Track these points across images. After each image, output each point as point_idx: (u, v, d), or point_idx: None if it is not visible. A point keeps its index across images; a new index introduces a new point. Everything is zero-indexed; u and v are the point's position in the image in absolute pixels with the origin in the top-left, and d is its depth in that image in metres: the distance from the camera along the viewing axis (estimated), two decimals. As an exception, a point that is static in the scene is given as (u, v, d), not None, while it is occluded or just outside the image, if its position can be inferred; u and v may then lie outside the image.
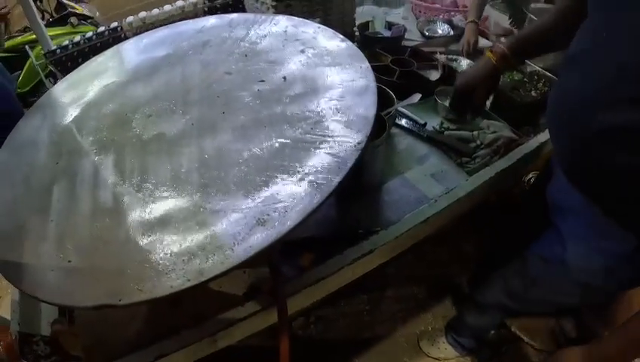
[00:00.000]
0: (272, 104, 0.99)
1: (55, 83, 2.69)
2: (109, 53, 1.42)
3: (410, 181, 1.36)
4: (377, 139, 1.18)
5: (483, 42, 2.26)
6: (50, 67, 2.02)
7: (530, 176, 1.83)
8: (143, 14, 2.04)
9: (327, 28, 1.23)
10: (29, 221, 0.92)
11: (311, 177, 0.79)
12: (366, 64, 1.04)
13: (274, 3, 1.79)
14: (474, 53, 2.10)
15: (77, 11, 3.72)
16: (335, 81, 1.01)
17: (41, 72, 2.19)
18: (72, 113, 1.18)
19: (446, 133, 1.54)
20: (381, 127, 1.24)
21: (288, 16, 1.32)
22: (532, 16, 2.08)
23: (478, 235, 1.99)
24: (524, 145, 1.47)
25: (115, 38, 1.98)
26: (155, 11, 2.06)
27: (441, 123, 1.61)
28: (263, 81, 1.07)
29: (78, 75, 1.36)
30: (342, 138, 0.85)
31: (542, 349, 1.66)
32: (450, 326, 2.09)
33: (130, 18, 2.03)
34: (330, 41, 1.16)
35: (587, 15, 1.01)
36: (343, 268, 1.04)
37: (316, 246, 0.74)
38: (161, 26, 1.95)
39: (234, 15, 1.39)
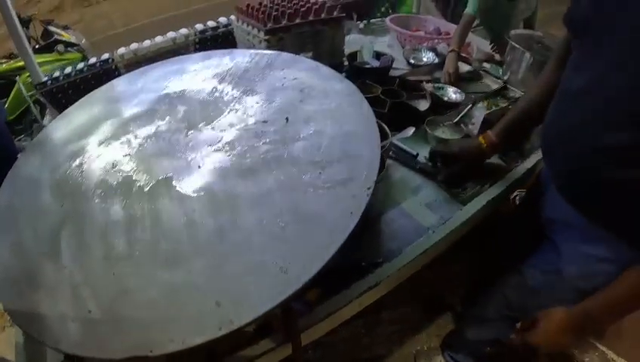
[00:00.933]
0: (278, 146, 1.01)
1: (42, 112, 2.69)
2: (105, 88, 1.42)
3: (407, 211, 1.41)
4: (379, 174, 1.21)
5: (465, 68, 2.33)
6: (41, 98, 2.03)
7: (516, 194, 1.88)
8: (134, 46, 2.06)
9: (323, 65, 1.27)
10: (40, 267, 0.91)
11: (326, 225, 0.82)
12: (366, 104, 1.08)
13: (266, 37, 1.82)
14: (455, 81, 2.16)
15: (63, 38, 3.73)
16: (337, 122, 1.04)
17: (30, 101, 2.19)
18: (72, 152, 1.17)
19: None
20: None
21: (285, 53, 1.35)
22: (513, 42, 2.14)
23: (467, 254, 2.04)
24: (512, 172, 1.53)
25: (107, 69, 1.99)
26: (147, 43, 2.08)
27: (430, 152, 1.63)
28: (265, 121, 1.10)
29: (75, 110, 1.36)
30: (351, 183, 0.88)
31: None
32: (446, 344, 2.12)
33: (122, 50, 2.05)
34: (328, 81, 1.19)
35: None
36: (351, 301, 1.07)
37: (322, 280, 0.76)
38: (152, 58, 1.99)
39: (231, 50, 1.42)
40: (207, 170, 1.00)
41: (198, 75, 1.34)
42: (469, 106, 1.94)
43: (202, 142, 1.08)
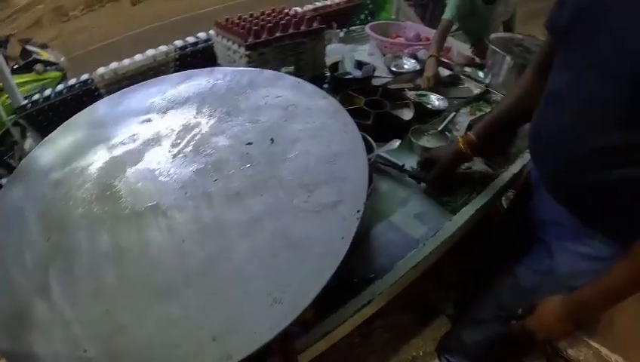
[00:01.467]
0: (265, 169, 1.00)
1: (23, 132, 2.66)
2: (86, 112, 1.39)
3: (396, 224, 1.40)
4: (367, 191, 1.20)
5: (446, 72, 2.35)
6: (21, 122, 2.00)
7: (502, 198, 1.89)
8: (114, 65, 2.04)
9: (306, 82, 1.25)
10: (31, 305, 0.87)
11: (318, 250, 0.81)
12: (351, 122, 1.07)
13: (247, 52, 1.82)
14: (435, 86, 2.16)
15: (42, 58, 3.68)
16: (323, 142, 1.03)
17: (9, 124, 2.16)
18: (55, 182, 1.14)
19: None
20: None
21: (267, 70, 1.34)
22: (492, 45, 2.16)
23: (458, 258, 2.05)
24: (499, 178, 1.54)
25: (87, 90, 1.97)
26: (126, 62, 2.06)
27: (418, 162, 1.64)
28: (250, 143, 1.09)
29: (58, 136, 1.32)
30: (340, 205, 0.87)
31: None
32: (443, 347, 2.14)
33: (102, 70, 2.02)
34: (312, 98, 1.18)
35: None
36: (346, 320, 1.07)
37: (316, 299, 0.76)
38: (133, 77, 1.98)
39: (212, 69, 1.40)
40: (195, 196, 0.98)
41: (180, 95, 1.32)
42: (453, 114, 1.95)
43: (188, 168, 1.06)
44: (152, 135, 1.20)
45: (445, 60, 2.44)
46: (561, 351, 1.52)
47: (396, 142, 1.55)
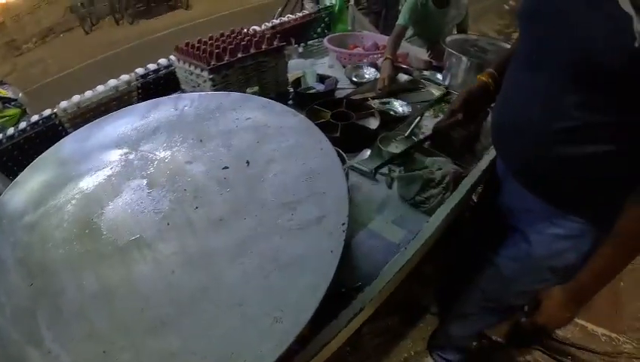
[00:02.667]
0: (244, 192, 1.02)
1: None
2: (54, 150, 1.35)
3: (375, 231, 1.43)
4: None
5: (406, 77, 2.40)
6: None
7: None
8: (76, 98, 2.00)
9: (274, 102, 1.27)
10: (23, 355, 0.84)
11: (309, 266, 0.83)
12: (323, 137, 1.09)
13: (211, 76, 1.82)
14: (389, 85, 2.22)
15: (0, 95, 3.60)
16: (298, 159, 1.05)
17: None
18: (30, 225, 1.10)
19: (395, 175, 1.62)
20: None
21: (234, 93, 1.35)
22: (448, 48, 2.22)
23: (434, 255, 2.09)
24: (469, 176, 1.58)
25: (51, 126, 1.93)
26: (89, 93, 2.03)
27: (389, 168, 1.68)
28: (226, 168, 1.10)
29: (26, 178, 1.28)
30: (325, 220, 0.89)
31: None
32: (433, 346, 2.19)
33: (64, 104, 1.98)
34: (282, 117, 1.20)
35: None
36: (340, 331, 1.09)
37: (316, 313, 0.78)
38: (96, 109, 1.95)
39: (178, 96, 1.41)
40: (177, 226, 0.99)
41: (150, 125, 1.31)
42: (418, 118, 1.99)
43: (167, 198, 1.06)
44: (126, 168, 1.19)
45: (404, 66, 2.49)
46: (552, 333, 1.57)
47: (367, 152, 1.59)
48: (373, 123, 1.89)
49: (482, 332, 1.81)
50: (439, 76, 2.44)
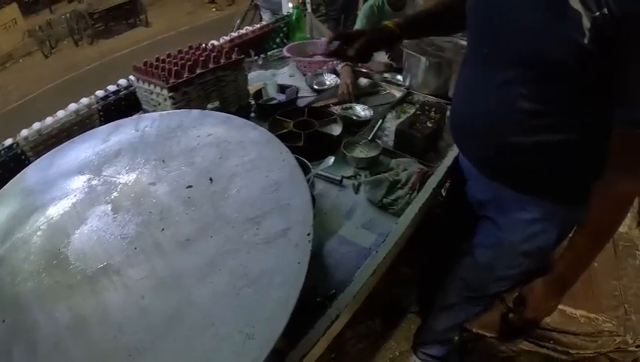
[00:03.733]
0: (209, 209, 1.01)
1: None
2: (17, 180, 1.32)
3: (346, 237, 1.43)
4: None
5: (365, 81, 2.43)
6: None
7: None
8: (37, 126, 1.96)
9: (233, 116, 1.26)
10: None
11: (278, 280, 0.83)
12: (284, 148, 1.08)
13: (170, 94, 1.81)
14: (353, 91, 2.22)
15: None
16: (261, 172, 1.04)
17: None
18: None
19: (361, 180, 1.63)
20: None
21: (194, 110, 1.34)
22: (406, 50, 2.24)
23: (411, 255, 2.11)
24: (435, 174, 1.61)
25: (13, 156, 1.88)
26: (49, 120, 1.99)
27: (355, 173, 1.71)
28: (190, 186, 1.09)
29: None
30: (290, 232, 0.89)
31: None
32: (417, 343, 2.23)
33: (25, 132, 1.93)
34: (242, 131, 1.19)
35: None
36: (319, 340, 1.09)
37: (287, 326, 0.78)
38: (58, 135, 1.92)
39: (139, 116, 1.38)
40: (145, 249, 0.98)
41: (112, 149, 1.29)
42: (380, 121, 2.01)
43: (132, 221, 1.05)
44: (89, 194, 1.17)
45: (364, 70, 2.51)
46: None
47: (331, 159, 1.59)
48: (336, 129, 1.89)
49: (463, 326, 1.83)
50: (400, 77, 2.45)
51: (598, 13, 0.90)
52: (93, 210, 1.12)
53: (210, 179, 1.09)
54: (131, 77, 2.11)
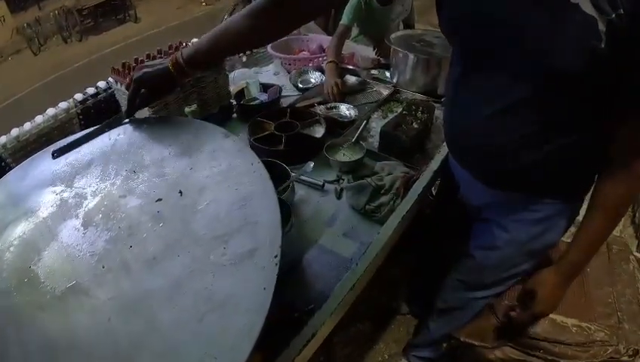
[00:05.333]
0: (178, 225, 0.97)
1: None
2: None
3: (326, 247, 1.38)
4: (286, 228, 1.18)
5: (353, 79, 2.36)
6: None
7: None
8: (15, 132, 1.90)
9: (205, 122, 1.23)
10: None
11: (243, 306, 0.79)
12: (255, 159, 1.04)
13: (148, 97, 1.75)
14: (341, 91, 2.15)
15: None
16: (231, 185, 1.00)
17: None
18: None
19: (344, 185, 1.58)
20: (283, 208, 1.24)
21: (165, 116, 1.30)
22: (393, 46, 2.19)
23: (399, 258, 2.08)
24: (420, 179, 1.55)
25: None
26: (27, 125, 1.94)
27: (338, 177, 1.66)
28: (160, 200, 1.05)
29: None
30: (257, 253, 0.85)
31: (494, 346, 1.75)
32: (409, 346, 2.22)
33: (3, 138, 1.89)
34: (214, 138, 1.15)
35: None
36: (293, 359, 1.05)
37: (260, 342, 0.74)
38: (37, 140, 1.86)
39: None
40: (112, 268, 0.94)
41: (84, 159, 1.25)
42: (365, 121, 1.96)
43: (102, 237, 1.01)
44: (61, 207, 1.13)
45: (350, 67, 2.45)
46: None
47: (310, 165, 1.53)
48: (319, 131, 1.84)
49: (450, 334, 1.80)
50: (388, 74, 2.40)
51: (613, 15, 0.86)
52: (63, 224, 1.08)
53: (180, 192, 1.04)
54: (110, 79, 2.05)
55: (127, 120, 1.32)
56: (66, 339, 0.86)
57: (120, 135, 1.29)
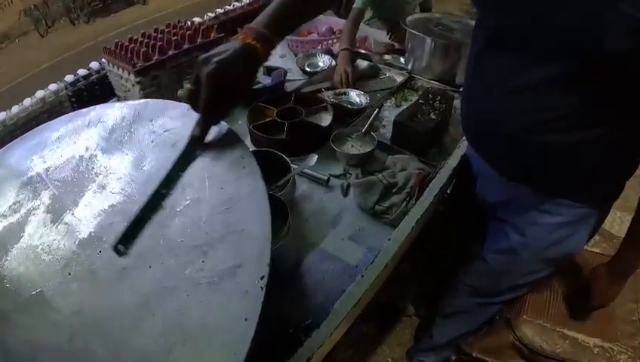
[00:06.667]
0: (154, 230, 0.83)
1: None
2: None
3: (329, 251, 1.24)
4: (282, 232, 1.04)
5: (365, 64, 2.20)
6: None
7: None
8: (1, 116, 1.79)
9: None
10: None
11: (219, 339, 0.65)
12: (248, 153, 0.89)
13: (138, 78, 1.61)
14: (352, 81, 2.00)
15: None
16: (216, 183, 0.86)
17: None
18: None
19: (351, 180, 1.44)
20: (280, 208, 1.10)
21: (153, 100, 1.16)
22: (410, 29, 2.03)
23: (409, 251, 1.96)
24: (438, 178, 1.39)
25: None
26: (15, 109, 1.82)
27: (345, 171, 1.51)
28: (135, 197, 0.89)
29: None
30: (240, 271, 0.70)
31: None
32: (415, 349, 2.15)
33: (-11, 123, 1.78)
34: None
35: None
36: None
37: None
38: (25, 124, 1.74)
39: (94, 107, 1.20)
40: (79, 276, 0.82)
41: (61, 146, 1.12)
42: (376, 110, 1.80)
43: (70, 239, 0.88)
44: (33, 202, 1.00)
45: (363, 51, 2.29)
46: (537, 348, 1.44)
47: (314, 157, 1.35)
48: (326, 119, 1.67)
49: (461, 348, 1.70)
50: (402, 60, 2.24)
51: None
52: (33, 221, 0.96)
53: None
54: (103, 60, 1.92)
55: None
56: (23, 356, 0.76)
57: (102, 120, 1.15)
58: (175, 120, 1.06)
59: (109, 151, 1.04)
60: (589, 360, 1.38)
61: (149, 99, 1.19)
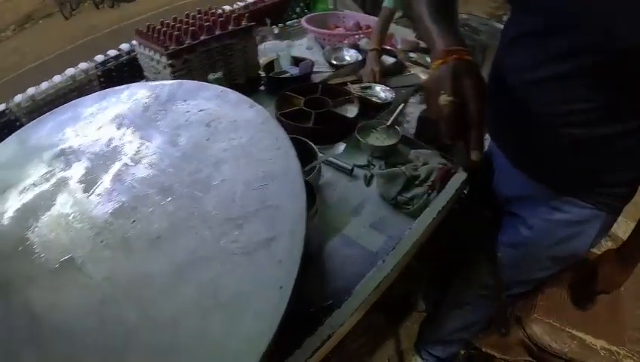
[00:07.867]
0: (187, 202, 0.86)
1: None
2: None
3: (350, 237, 1.26)
4: (309, 213, 1.06)
5: (390, 60, 2.22)
6: None
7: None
8: (31, 91, 1.83)
9: (230, 90, 1.11)
10: None
11: (253, 307, 0.67)
12: (282, 133, 0.93)
13: (169, 61, 1.64)
14: (380, 79, 2.02)
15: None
16: (251, 161, 0.89)
17: None
18: None
19: (375, 171, 1.46)
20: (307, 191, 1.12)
21: (187, 81, 1.19)
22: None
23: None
24: (459, 173, 1.42)
25: (7, 122, 1.74)
26: (44, 85, 1.86)
27: (369, 162, 1.53)
28: (170, 170, 0.93)
29: None
30: (274, 243, 0.73)
31: (515, 360, 1.63)
32: (422, 341, 2.14)
33: (19, 97, 1.81)
34: (237, 108, 1.04)
35: None
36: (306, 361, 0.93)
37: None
38: (53, 101, 1.78)
39: (128, 86, 1.24)
40: (111, 244, 0.84)
41: (94, 121, 1.15)
42: (402, 105, 1.81)
43: (104, 208, 0.91)
44: (65, 172, 1.03)
45: (388, 47, 2.30)
46: (545, 346, 1.44)
47: (341, 146, 1.38)
48: (352, 110, 1.70)
49: (471, 342, 1.70)
50: (428, 59, 2.24)
51: None
52: (66, 190, 0.99)
53: (194, 165, 0.93)
54: (134, 41, 1.95)
55: None
56: (51, 320, 0.77)
57: (136, 98, 1.19)
58: (209, 101, 1.09)
59: (142, 127, 1.07)
60: (596, 361, 1.38)
61: (183, 80, 1.21)
